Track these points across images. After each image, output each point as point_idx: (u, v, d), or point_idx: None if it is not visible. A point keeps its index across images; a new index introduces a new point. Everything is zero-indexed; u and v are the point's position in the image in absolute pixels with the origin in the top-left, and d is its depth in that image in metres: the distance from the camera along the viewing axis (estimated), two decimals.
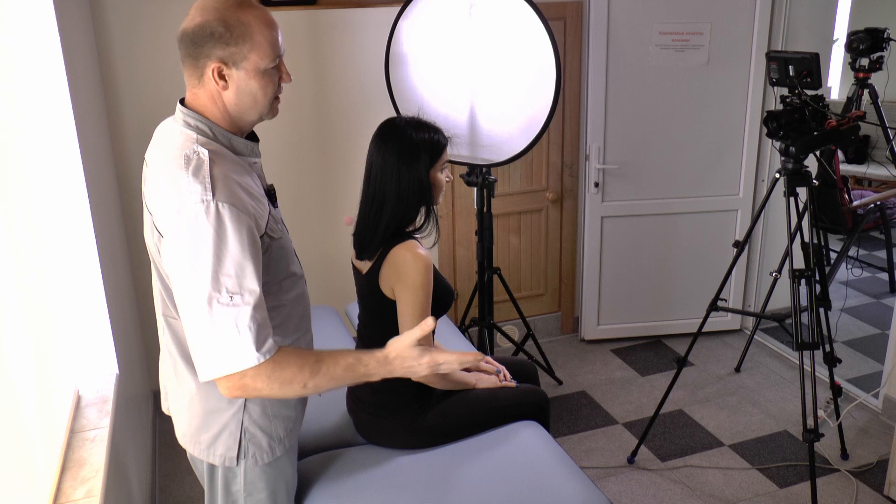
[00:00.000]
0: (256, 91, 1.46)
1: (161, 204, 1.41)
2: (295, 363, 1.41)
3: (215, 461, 1.61)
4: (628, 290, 3.94)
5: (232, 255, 1.35)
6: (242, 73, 1.43)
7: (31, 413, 1.59)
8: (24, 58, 1.94)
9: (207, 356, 1.37)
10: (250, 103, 1.47)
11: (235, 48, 1.40)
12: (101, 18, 2.92)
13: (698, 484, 2.86)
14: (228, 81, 1.44)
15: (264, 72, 1.45)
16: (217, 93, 1.45)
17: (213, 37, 1.39)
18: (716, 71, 3.62)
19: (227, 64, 1.42)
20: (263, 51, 1.43)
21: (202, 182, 1.36)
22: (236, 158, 1.49)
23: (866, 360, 3.76)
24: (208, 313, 1.34)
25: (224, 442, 1.59)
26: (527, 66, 2.69)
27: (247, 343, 1.35)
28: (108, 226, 2.56)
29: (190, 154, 1.40)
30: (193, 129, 1.46)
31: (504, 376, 2.19)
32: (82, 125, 2.20)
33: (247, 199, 1.42)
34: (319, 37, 3.25)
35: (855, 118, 2.66)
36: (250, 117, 1.50)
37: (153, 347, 3.30)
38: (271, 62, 1.45)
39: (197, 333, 1.37)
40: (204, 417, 1.59)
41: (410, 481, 1.90)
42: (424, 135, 1.92)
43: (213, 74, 1.42)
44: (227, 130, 1.49)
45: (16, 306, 1.59)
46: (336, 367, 1.43)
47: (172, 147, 1.44)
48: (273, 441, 1.64)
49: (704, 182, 3.80)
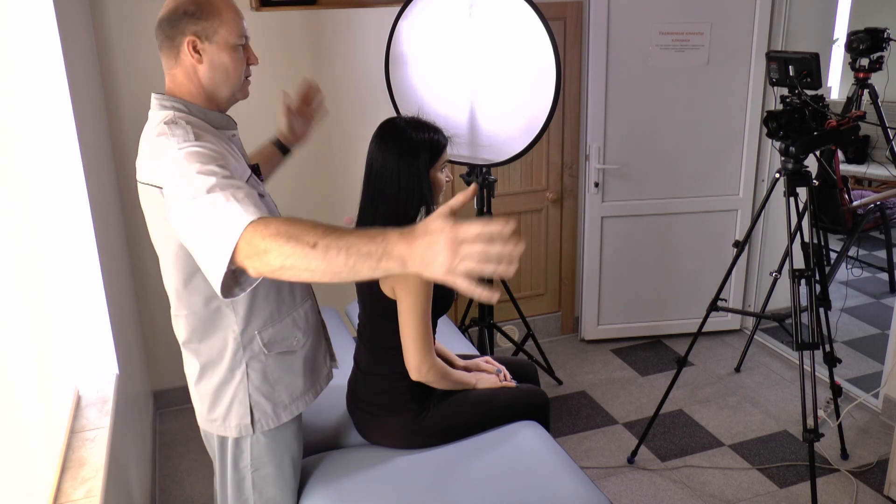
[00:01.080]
0: (228, 64, 1.59)
1: (150, 167, 1.52)
2: (305, 221, 1.26)
3: (231, 433, 1.71)
4: (628, 290, 3.94)
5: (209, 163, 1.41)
6: (214, 46, 1.57)
7: (32, 413, 1.59)
8: (24, 58, 1.94)
9: (211, 250, 1.32)
10: (223, 77, 1.60)
11: (207, 23, 1.56)
12: (101, 18, 2.92)
13: (698, 484, 2.86)
14: (202, 55, 1.57)
15: (234, 47, 1.59)
16: (192, 68, 1.58)
17: (186, 14, 1.55)
18: (716, 71, 3.62)
19: (200, 38, 1.56)
20: (231, 27, 1.58)
21: (183, 131, 1.48)
22: (214, 130, 1.59)
23: (866, 360, 3.76)
24: (198, 206, 1.34)
25: (236, 412, 1.69)
26: (527, 66, 2.69)
27: (238, 208, 1.30)
28: (108, 226, 2.56)
29: (169, 121, 1.52)
30: (170, 108, 1.58)
31: (504, 376, 2.19)
32: (82, 125, 2.20)
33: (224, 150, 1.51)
34: (319, 37, 3.25)
35: (855, 118, 2.66)
36: (224, 92, 1.63)
37: (153, 347, 3.31)
38: (239, 39, 1.60)
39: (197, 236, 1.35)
40: (213, 394, 1.70)
41: (410, 481, 1.90)
42: (424, 134, 1.92)
43: (189, 48, 1.56)
44: (202, 107, 1.61)
45: (16, 306, 1.59)
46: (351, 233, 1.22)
47: (152, 125, 1.56)
48: (277, 407, 1.73)
49: (704, 182, 3.80)
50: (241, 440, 1.73)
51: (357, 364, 2.10)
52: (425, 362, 1.91)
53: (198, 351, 1.69)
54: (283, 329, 1.71)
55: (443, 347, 2.21)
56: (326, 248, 1.19)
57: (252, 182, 1.62)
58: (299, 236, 1.21)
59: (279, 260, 1.23)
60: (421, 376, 1.93)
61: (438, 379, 1.97)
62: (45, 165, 2.02)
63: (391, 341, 1.94)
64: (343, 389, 2.16)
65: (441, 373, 1.97)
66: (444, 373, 1.99)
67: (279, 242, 1.22)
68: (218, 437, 1.74)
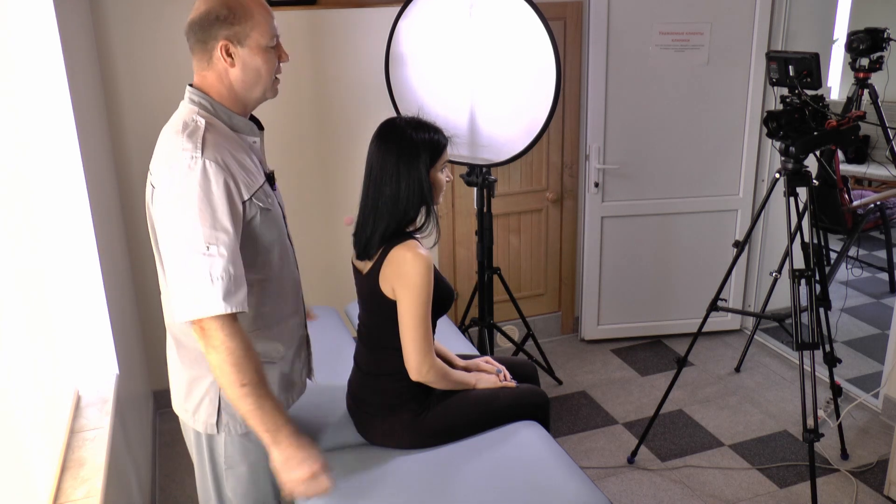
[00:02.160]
0: (260, 66, 1.60)
1: (158, 162, 1.56)
2: (254, 359, 1.53)
3: (199, 428, 1.72)
4: (628, 290, 3.94)
5: (213, 209, 1.48)
6: (247, 50, 1.58)
7: (32, 413, 1.59)
8: (24, 58, 1.94)
9: (182, 299, 1.48)
10: (255, 79, 1.61)
11: (239, 27, 1.56)
12: (101, 18, 2.92)
13: (698, 484, 2.86)
14: (235, 59, 1.58)
15: (266, 49, 1.60)
16: (224, 71, 1.59)
17: (219, 19, 1.55)
18: (716, 71, 3.62)
19: (233, 42, 1.57)
20: (263, 29, 1.59)
21: (194, 141, 1.50)
22: (233, 135, 1.62)
23: (866, 360, 3.76)
24: (187, 260, 1.47)
25: (205, 409, 1.70)
26: (527, 66, 2.69)
27: (216, 292, 1.46)
28: (108, 226, 2.56)
29: (189, 121, 1.55)
30: (197, 104, 1.60)
31: (504, 376, 2.19)
32: (82, 125, 2.20)
33: (233, 164, 1.55)
34: (319, 37, 3.25)
35: (855, 118, 2.66)
36: (255, 94, 1.64)
37: (153, 347, 3.31)
38: (271, 40, 1.60)
39: (176, 277, 1.49)
40: (188, 385, 1.71)
41: (410, 481, 1.90)
42: (424, 135, 1.92)
43: (222, 52, 1.57)
44: (229, 109, 1.62)
45: (16, 306, 1.59)
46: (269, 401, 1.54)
47: (177, 119, 1.59)
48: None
49: (704, 182, 3.80)
50: (211, 436, 1.74)
51: (357, 364, 2.10)
52: (425, 362, 1.91)
53: (179, 340, 1.71)
54: (266, 340, 1.71)
55: (443, 348, 2.21)
56: (246, 394, 1.51)
57: (262, 191, 1.63)
58: (240, 365, 1.49)
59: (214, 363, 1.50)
60: (421, 376, 1.93)
61: (438, 379, 1.97)
62: (45, 166, 2.03)
63: (391, 341, 1.94)
64: (343, 389, 2.16)
65: (441, 373, 1.97)
66: (444, 373, 1.99)
67: (224, 356, 1.48)
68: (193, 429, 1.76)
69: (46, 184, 2.03)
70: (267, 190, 1.66)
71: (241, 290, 1.50)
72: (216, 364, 1.50)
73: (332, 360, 2.40)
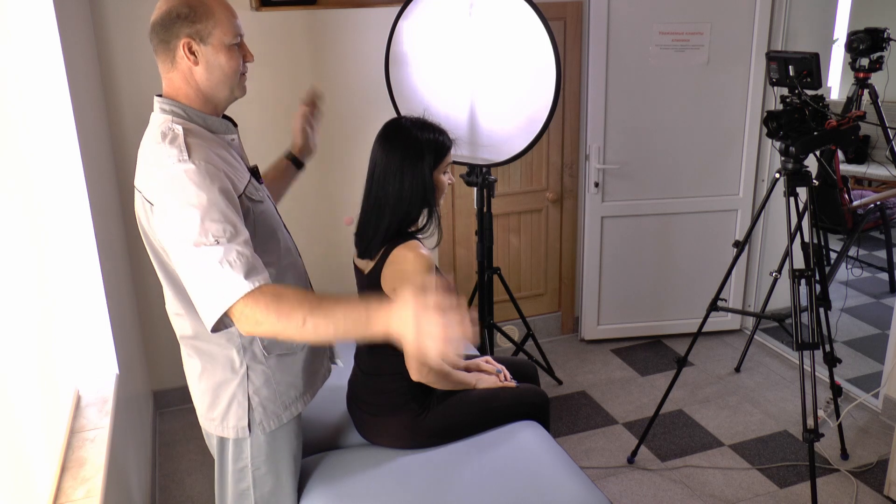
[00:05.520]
0: (224, 64, 1.59)
1: (145, 176, 1.53)
2: (294, 297, 1.41)
3: (229, 434, 1.71)
4: (628, 290, 3.94)
5: (213, 203, 1.45)
6: (210, 48, 1.57)
7: (32, 413, 1.59)
8: (24, 57, 1.94)
9: (205, 301, 1.43)
10: (220, 77, 1.59)
11: (201, 24, 1.55)
12: (101, 18, 2.92)
13: (698, 484, 2.86)
14: (198, 57, 1.57)
15: (229, 47, 1.58)
16: (189, 71, 1.58)
17: (180, 17, 1.54)
18: (716, 71, 3.62)
19: (195, 39, 1.55)
20: (225, 27, 1.57)
21: (178, 147, 1.49)
22: (212, 136, 1.60)
23: (866, 360, 3.76)
24: (196, 258, 1.42)
25: (235, 413, 1.69)
26: (527, 66, 2.69)
27: (235, 275, 1.41)
28: (108, 226, 2.56)
29: (166, 130, 1.53)
30: (169, 112, 1.59)
31: (504, 376, 2.19)
32: (82, 125, 2.20)
33: (220, 162, 1.53)
34: (319, 37, 3.25)
35: (855, 118, 2.66)
36: (223, 93, 1.62)
37: (153, 347, 3.31)
38: (234, 38, 1.59)
39: (192, 282, 1.45)
40: (212, 393, 1.70)
41: (410, 481, 1.90)
42: (429, 135, 1.92)
43: (185, 50, 1.55)
44: (201, 111, 1.61)
45: (16, 306, 1.59)
46: (337, 305, 1.38)
47: (152, 130, 1.58)
48: (277, 408, 1.73)
49: (704, 182, 3.80)
50: (240, 440, 1.73)
51: (357, 364, 2.10)
52: (426, 363, 1.91)
53: (198, 349, 1.69)
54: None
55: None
56: (316, 325, 1.37)
57: (252, 185, 1.63)
58: (289, 314, 1.37)
59: (272, 331, 1.41)
60: (421, 377, 1.93)
61: (439, 379, 1.97)
62: (45, 166, 2.02)
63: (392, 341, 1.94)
64: (343, 389, 2.16)
65: (441, 373, 1.97)
66: (445, 373, 1.99)
67: (271, 319, 1.38)
68: (217, 436, 1.75)
69: (46, 184, 2.03)
70: (255, 184, 1.67)
71: (262, 267, 1.45)
72: (271, 333, 1.42)
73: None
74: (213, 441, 1.78)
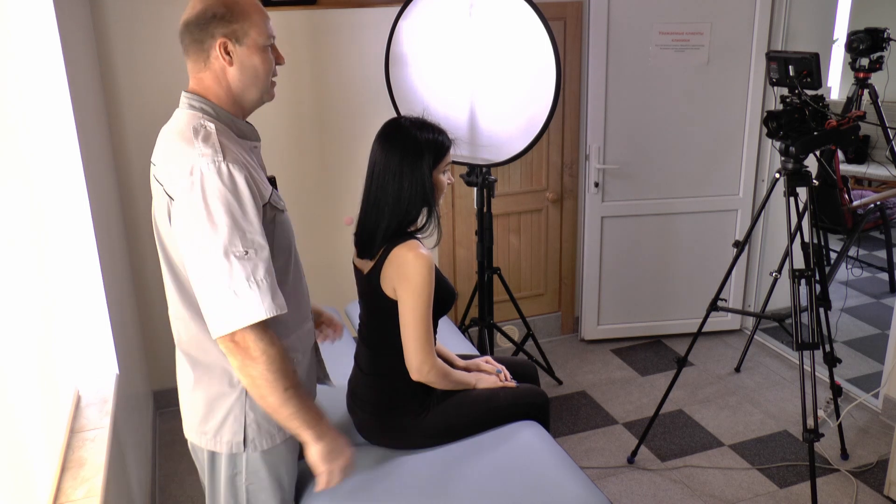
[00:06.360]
0: (258, 66, 1.57)
1: (172, 169, 1.49)
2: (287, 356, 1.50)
3: (222, 449, 1.65)
4: (628, 290, 3.94)
5: (245, 212, 1.44)
6: (245, 49, 1.55)
7: (32, 413, 1.59)
8: (24, 57, 1.94)
9: (220, 312, 1.43)
10: (252, 79, 1.58)
11: (237, 25, 1.53)
12: (101, 18, 2.92)
13: (698, 484, 2.86)
14: (233, 57, 1.54)
15: (263, 48, 1.57)
16: (222, 71, 1.55)
17: (216, 17, 1.52)
18: (716, 71, 3.62)
19: (231, 40, 1.53)
20: (261, 28, 1.56)
21: (213, 146, 1.46)
22: (238, 140, 1.58)
23: (866, 360, 3.76)
24: (225, 268, 1.41)
25: (230, 427, 1.63)
26: (527, 66, 2.69)
27: (259, 296, 1.42)
28: (108, 226, 2.56)
29: (198, 126, 1.50)
30: (198, 109, 1.55)
31: (504, 376, 2.19)
32: (82, 125, 2.20)
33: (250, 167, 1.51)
34: (319, 37, 3.25)
35: (855, 118, 2.66)
36: (252, 95, 1.60)
37: (153, 347, 3.31)
38: (268, 40, 1.58)
39: (211, 288, 1.43)
40: (207, 405, 1.63)
41: (410, 481, 1.90)
42: (429, 135, 1.92)
43: (220, 50, 1.53)
44: (229, 113, 1.58)
45: (16, 306, 1.59)
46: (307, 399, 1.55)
47: (180, 124, 1.54)
48: (272, 427, 1.66)
49: (704, 182, 3.80)
50: (234, 455, 1.66)
51: (357, 364, 2.10)
52: (426, 362, 1.91)
53: (195, 359, 1.63)
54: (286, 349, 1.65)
55: (443, 347, 2.21)
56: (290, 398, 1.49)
57: (275, 194, 1.60)
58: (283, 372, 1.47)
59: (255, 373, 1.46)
60: (422, 376, 1.93)
61: (439, 379, 1.97)
62: (45, 165, 2.02)
63: (392, 341, 1.94)
64: (343, 389, 2.16)
65: (441, 373, 1.97)
66: (445, 373, 1.99)
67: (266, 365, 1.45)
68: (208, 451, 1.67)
69: (46, 184, 2.03)
70: (277, 193, 1.64)
71: (279, 293, 1.46)
72: (257, 374, 1.45)
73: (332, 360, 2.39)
74: (203, 455, 1.70)
